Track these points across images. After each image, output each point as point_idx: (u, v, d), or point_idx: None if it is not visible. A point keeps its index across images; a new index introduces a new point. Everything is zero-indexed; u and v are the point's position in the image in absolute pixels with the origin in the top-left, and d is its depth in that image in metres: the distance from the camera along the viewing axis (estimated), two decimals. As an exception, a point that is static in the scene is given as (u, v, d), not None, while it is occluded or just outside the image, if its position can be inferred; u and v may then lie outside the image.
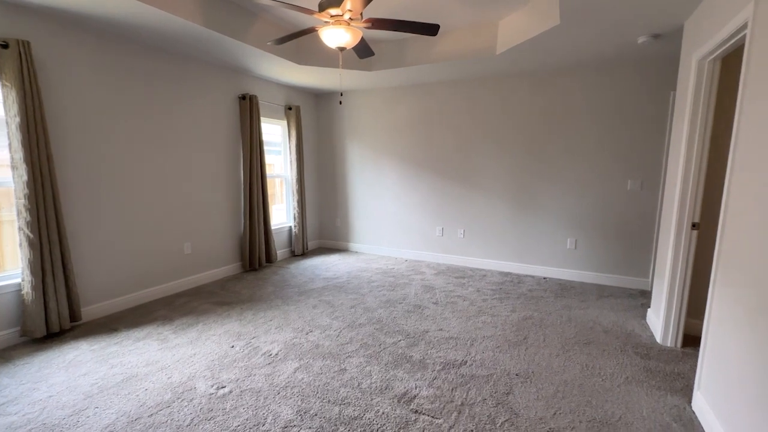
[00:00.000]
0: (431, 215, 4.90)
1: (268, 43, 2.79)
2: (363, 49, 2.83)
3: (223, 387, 2.14)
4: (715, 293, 1.86)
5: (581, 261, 4.12)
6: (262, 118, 4.61)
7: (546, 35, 2.96)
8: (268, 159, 4.98)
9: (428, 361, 2.42)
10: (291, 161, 5.05)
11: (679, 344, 2.60)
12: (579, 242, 4.10)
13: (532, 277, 4.27)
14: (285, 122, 5.03)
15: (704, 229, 2.64)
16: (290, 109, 4.91)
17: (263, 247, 4.57)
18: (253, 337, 2.75)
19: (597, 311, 3.25)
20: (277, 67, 4.01)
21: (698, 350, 2.50)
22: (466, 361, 2.41)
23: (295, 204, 5.10)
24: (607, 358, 2.46)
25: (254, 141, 4.29)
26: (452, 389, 2.12)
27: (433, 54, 3.76)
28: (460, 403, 2.00)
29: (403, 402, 2.00)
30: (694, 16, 2.51)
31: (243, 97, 4.18)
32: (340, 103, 2.81)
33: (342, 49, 2.44)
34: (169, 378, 2.23)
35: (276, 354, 2.51)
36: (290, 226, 5.24)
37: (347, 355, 2.50)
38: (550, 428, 1.81)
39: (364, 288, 3.85)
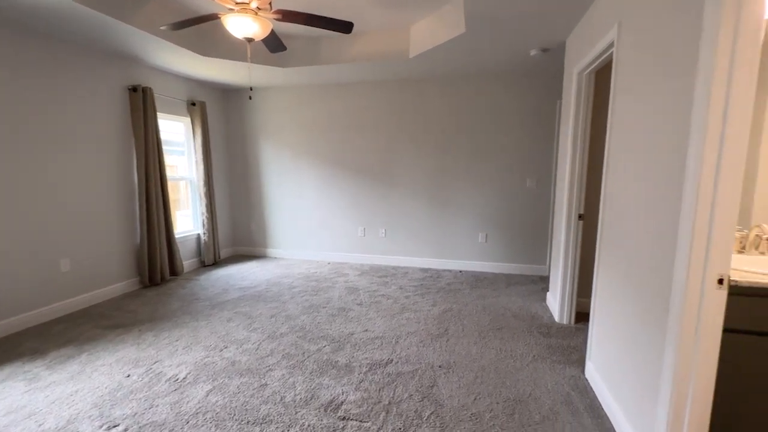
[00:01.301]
0: (353, 216, 4.88)
1: (162, 28, 2.47)
2: (274, 43, 2.67)
3: (115, 426, 1.82)
4: (599, 274, 2.15)
5: (491, 253, 4.48)
6: (159, 114, 4.10)
7: (453, 42, 3.14)
8: (170, 160, 4.45)
9: (354, 364, 2.38)
10: (197, 162, 4.58)
11: (572, 321, 2.96)
12: (489, 236, 4.45)
13: (450, 271, 4.51)
14: (188, 119, 4.55)
15: (589, 219, 3.06)
16: (194, 104, 4.45)
17: (166, 258, 4.07)
18: (155, 362, 2.40)
19: (507, 298, 3.55)
20: (177, 57, 3.60)
21: (588, 325, 2.87)
22: (392, 359, 2.42)
23: (204, 209, 4.65)
24: (517, 340, 2.69)
25: (150, 139, 3.78)
26: (379, 390, 2.10)
27: (348, 54, 3.74)
28: (387, 402, 1.99)
29: (330, 410, 1.93)
30: (573, 35, 2.89)
31: (134, 89, 3.66)
32: (250, 98, 2.61)
33: (250, 40, 2.27)
34: (40, 426, 1.82)
35: (184, 378, 2.22)
36: (198, 234, 4.76)
37: (268, 368, 2.33)
38: (472, 414, 1.90)
39: (285, 295, 3.66)
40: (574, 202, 2.87)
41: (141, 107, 3.69)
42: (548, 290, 3.59)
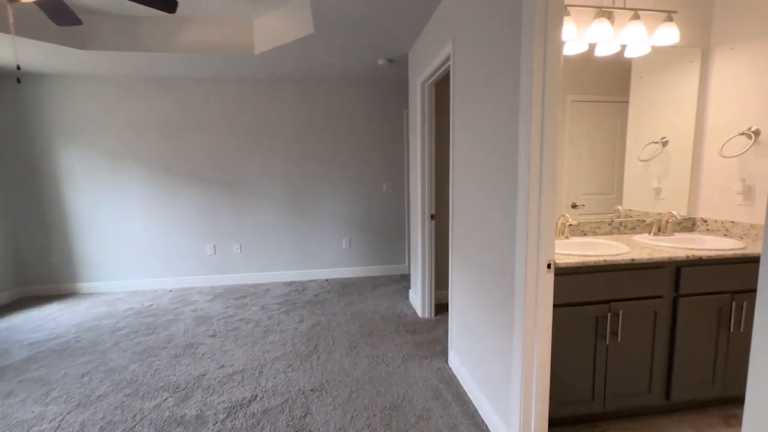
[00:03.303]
0: (199, 232, 4.19)
1: None
2: (59, 11, 2.00)
3: None
4: (453, 268, 2.32)
5: (355, 258, 4.50)
6: None
7: (303, 42, 2.99)
8: None
9: (208, 412, 1.96)
10: (-60, 173, 3.16)
11: (433, 314, 3.18)
12: (352, 241, 4.46)
13: (316, 281, 4.33)
14: None
15: (441, 218, 3.34)
16: (-72, 89, 3.06)
17: None
18: None
19: (374, 301, 3.59)
20: None
21: (447, 316, 3.12)
22: (257, 395, 2.10)
23: (-41, 240, 3.24)
24: (387, 343, 2.70)
25: None
26: (242, 437, 1.77)
27: (177, 42, 3.16)
28: (252, 450, 1.69)
29: (175, 485, 1.51)
30: (414, 48, 3.11)
31: None
32: (19, 81, 1.88)
33: (12, 0, 1.61)
34: None
35: None
36: (-49, 276, 3.30)
37: (77, 451, 1.70)
38: (349, 435, 1.77)
39: (106, 341, 2.84)
40: (426, 204, 3.09)
41: None
42: (410, 287, 3.79)
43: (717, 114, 2.12)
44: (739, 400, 1.89)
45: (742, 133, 1.98)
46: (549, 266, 1.44)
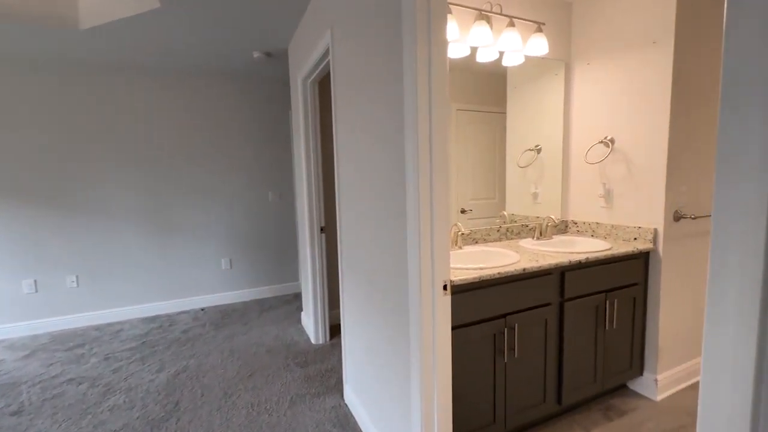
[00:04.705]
0: (9, 263, 3.10)
1: None
2: None
3: None
4: (344, 289, 2.04)
5: (239, 280, 3.89)
6: None
7: (146, 19, 2.39)
8: None
9: None
10: None
11: (328, 338, 2.85)
12: (234, 260, 3.85)
13: (188, 312, 3.60)
14: None
15: (331, 231, 3.03)
16: None
17: None
18: None
19: (259, 331, 3.09)
20: None
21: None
22: (73, 501, 1.48)
23: None
24: (272, 384, 2.27)
25: None
26: None
27: (-52, 0, 2.23)
28: None
29: None
30: (294, 42, 2.77)
31: None
32: None
33: None
34: None
35: None
36: None
37: None
38: None
39: None
40: (315, 215, 2.76)
41: None
42: (303, 309, 3.40)
43: (580, 123, 2.29)
44: (613, 391, 2.02)
45: (601, 142, 2.15)
46: (445, 287, 1.26)
